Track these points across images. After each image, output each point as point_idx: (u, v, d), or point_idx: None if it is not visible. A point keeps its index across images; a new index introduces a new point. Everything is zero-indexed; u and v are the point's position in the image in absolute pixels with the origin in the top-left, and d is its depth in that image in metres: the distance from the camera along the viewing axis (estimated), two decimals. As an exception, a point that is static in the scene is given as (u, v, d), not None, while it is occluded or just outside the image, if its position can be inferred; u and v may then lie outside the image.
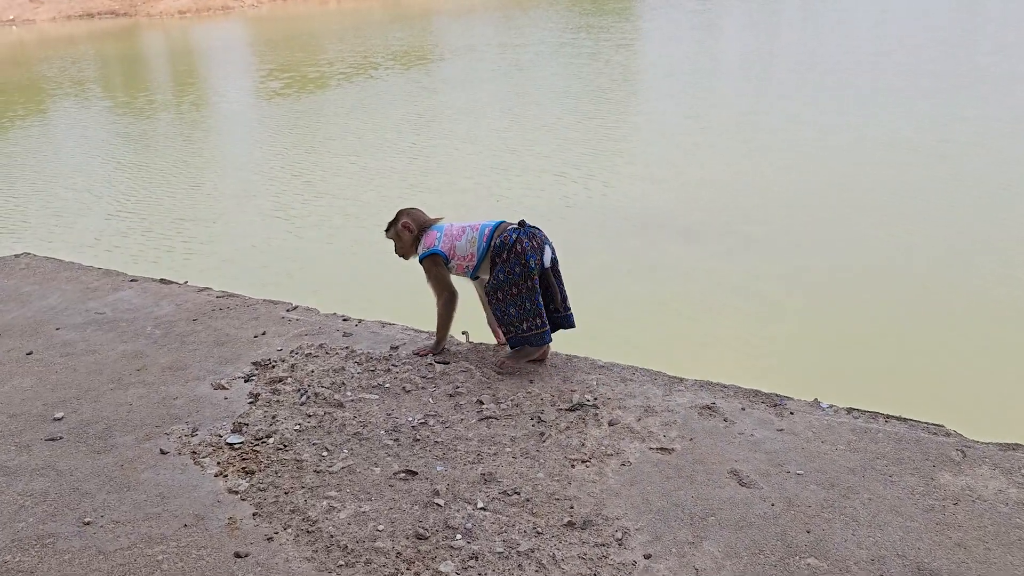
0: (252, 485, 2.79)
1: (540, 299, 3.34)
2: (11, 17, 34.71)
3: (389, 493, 2.72)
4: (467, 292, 3.69)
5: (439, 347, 3.63)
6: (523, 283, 3.31)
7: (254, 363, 3.61)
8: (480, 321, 3.78)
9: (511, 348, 3.47)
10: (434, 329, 3.66)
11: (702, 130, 11.80)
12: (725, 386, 3.30)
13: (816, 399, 3.19)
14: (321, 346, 3.73)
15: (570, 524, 2.54)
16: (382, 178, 10.20)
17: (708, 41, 22.40)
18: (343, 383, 3.41)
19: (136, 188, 10.35)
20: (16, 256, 5.10)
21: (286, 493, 2.74)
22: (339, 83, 17.96)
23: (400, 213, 3.65)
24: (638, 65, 19.63)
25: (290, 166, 11.06)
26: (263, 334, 3.90)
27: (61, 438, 3.13)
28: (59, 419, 3.26)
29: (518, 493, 2.69)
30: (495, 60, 20.68)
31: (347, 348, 3.71)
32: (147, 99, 17.26)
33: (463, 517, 2.58)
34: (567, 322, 3.51)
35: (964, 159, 9.54)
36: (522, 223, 3.41)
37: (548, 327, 3.38)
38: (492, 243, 3.40)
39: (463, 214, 8.66)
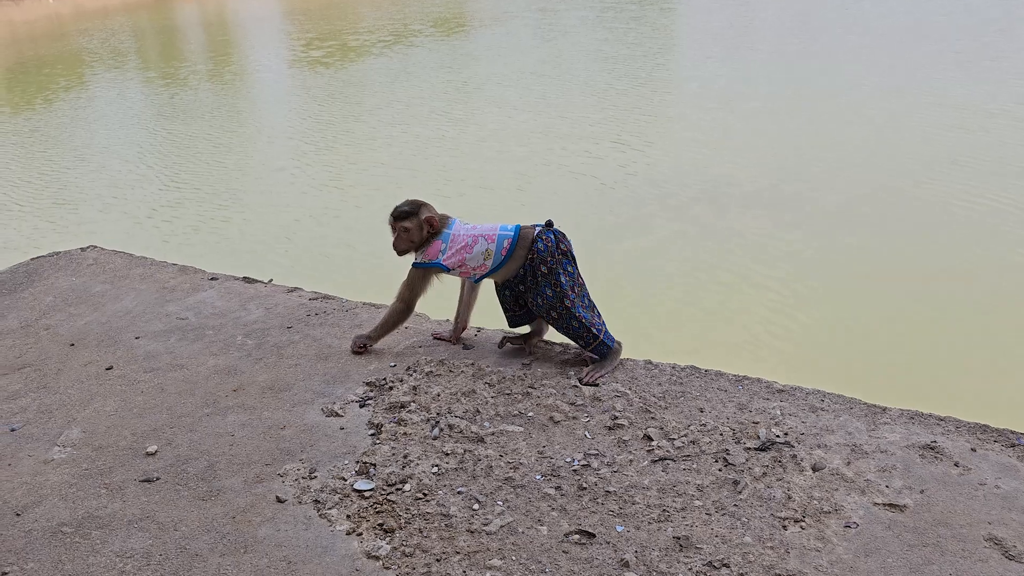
0: (395, 548, 2.31)
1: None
2: (45, -12, 34.42)
3: (566, 563, 2.22)
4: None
5: (368, 344, 3.34)
6: (580, 278, 3.15)
7: (367, 383, 3.12)
8: (487, 318, 3.49)
9: (598, 357, 3.13)
10: (570, 343, 3.25)
11: (757, 95, 11.18)
12: (941, 418, 2.74)
13: (1061, 437, 2.63)
14: (442, 362, 3.22)
15: (806, 612, 2.03)
16: (434, 147, 9.73)
17: (755, 2, 21.39)
18: (477, 411, 2.90)
19: (187, 159, 9.98)
20: (82, 250, 4.63)
21: (438, 560, 2.26)
22: (381, 51, 17.39)
23: (420, 205, 3.16)
24: (685, 28, 18.86)
25: (340, 136, 10.62)
26: (370, 346, 3.40)
27: (158, 479, 2.67)
28: (152, 454, 2.80)
29: (727, 566, 2.18)
30: (537, 26, 20.00)
31: (472, 364, 3.20)
32: (189, 70, 16.82)
33: (666, 599, 2.08)
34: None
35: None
36: (549, 223, 3.13)
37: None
38: (523, 252, 3.08)
39: (523, 184, 8.14)
